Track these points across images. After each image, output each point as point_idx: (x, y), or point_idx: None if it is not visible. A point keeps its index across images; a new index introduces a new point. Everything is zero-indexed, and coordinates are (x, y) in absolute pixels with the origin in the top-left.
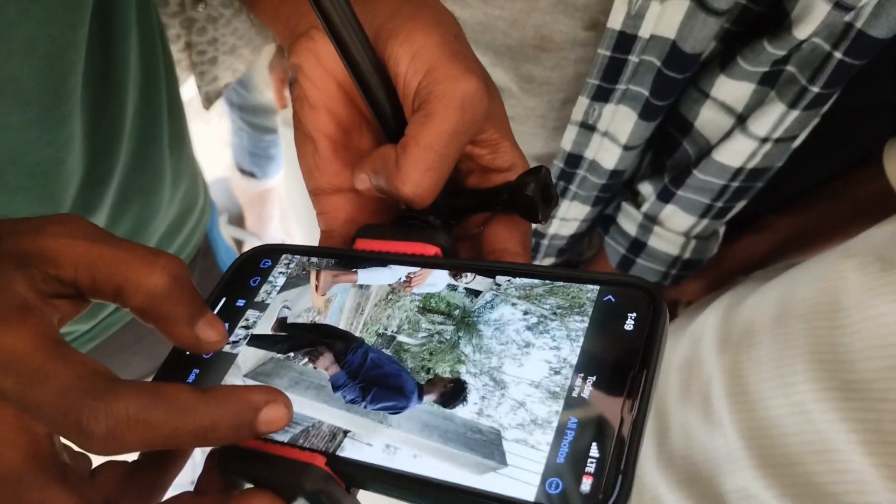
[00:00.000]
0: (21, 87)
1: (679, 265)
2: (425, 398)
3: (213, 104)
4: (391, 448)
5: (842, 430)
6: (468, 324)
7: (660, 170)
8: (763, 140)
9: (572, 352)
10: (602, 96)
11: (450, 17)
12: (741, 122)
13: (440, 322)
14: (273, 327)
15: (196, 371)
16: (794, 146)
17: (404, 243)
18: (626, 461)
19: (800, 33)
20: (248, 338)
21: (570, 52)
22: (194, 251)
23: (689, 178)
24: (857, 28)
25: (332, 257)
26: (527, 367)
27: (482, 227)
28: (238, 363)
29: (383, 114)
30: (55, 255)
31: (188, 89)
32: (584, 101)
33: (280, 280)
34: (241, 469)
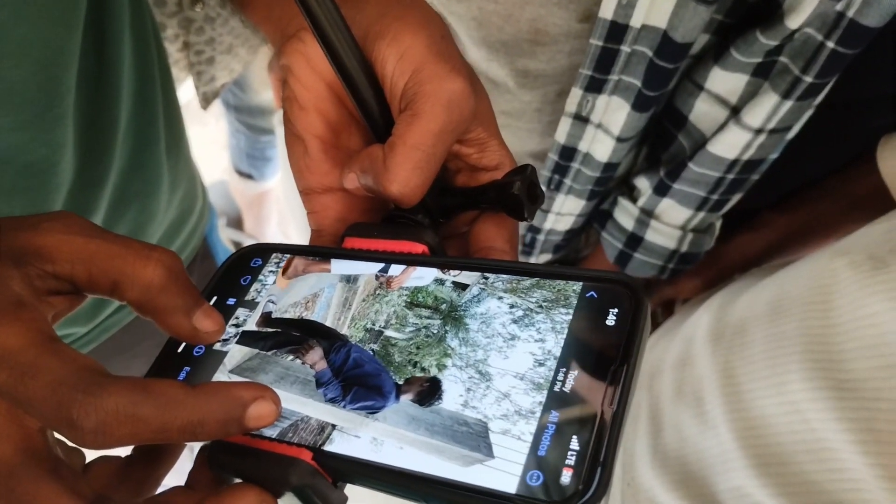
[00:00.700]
0: (14, 88)
1: (676, 259)
2: (402, 398)
3: (210, 104)
4: (378, 442)
5: (835, 430)
6: (455, 318)
7: (655, 164)
8: (757, 131)
9: (556, 344)
10: (595, 87)
11: (437, 18)
12: (735, 113)
13: (427, 316)
14: (257, 322)
15: (187, 369)
16: (789, 138)
17: (392, 241)
18: (605, 453)
19: (792, 23)
20: (238, 335)
21: (564, 45)
22: (193, 254)
23: (684, 170)
24: (848, 17)
25: (321, 255)
26: (512, 360)
27: (470, 226)
28: (226, 361)
29: (371, 114)
30: (51, 251)
31: (186, 92)
32: (577, 93)
33: (270, 279)
34: (229, 464)
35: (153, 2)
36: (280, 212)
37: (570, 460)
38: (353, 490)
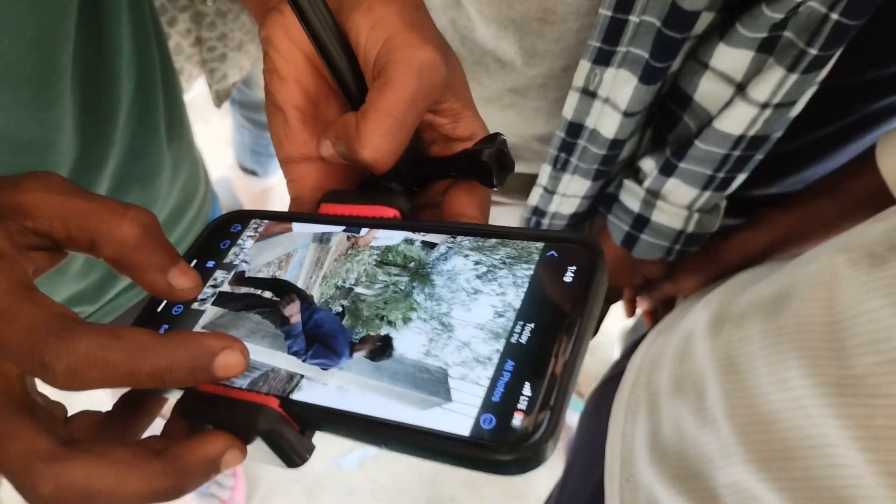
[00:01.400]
0: (10, 66)
1: (683, 240)
2: (356, 355)
3: (223, 102)
4: (343, 390)
5: (835, 426)
6: (422, 275)
7: (661, 145)
8: (763, 105)
9: (516, 297)
10: (603, 59)
11: None
12: (741, 90)
13: (396, 274)
14: (230, 281)
15: (165, 326)
16: (792, 116)
17: (365, 207)
18: (555, 399)
19: None
20: (216, 296)
21: (573, 24)
22: None
23: (690, 148)
24: None
25: (298, 220)
26: (474, 312)
27: (443, 194)
28: (202, 320)
29: (345, 82)
30: (31, 208)
31: (195, 88)
32: (585, 65)
33: (248, 243)
34: (200, 411)
35: None
36: (284, 208)
37: (522, 405)
38: (353, 489)
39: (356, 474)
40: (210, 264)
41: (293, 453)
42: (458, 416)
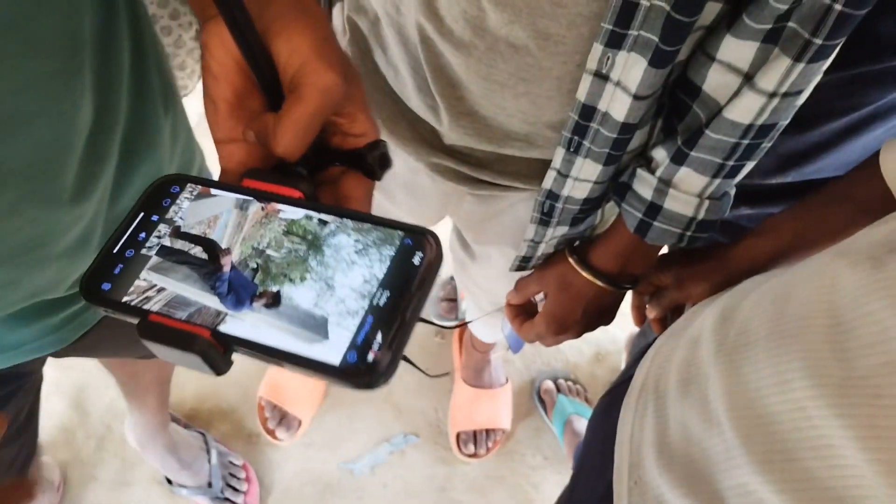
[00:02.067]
0: (45, 39)
1: (694, 226)
2: (255, 304)
3: None
4: (256, 326)
5: (837, 426)
6: (316, 245)
7: (672, 135)
8: (771, 95)
9: (380, 271)
10: (615, 42)
11: (324, 23)
12: (748, 80)
13: (297, 243)
14: (169, 234)
15: (121, 266)
16: (798, 104)
17: (276, 186)
18: (396, 345)
19: None
20: (159, 246)
21: (584, 8)
22: None
23: (701, 137)
24: None
25: (225, 189)
26: (350, 278)
27: (339, 177)
28: (149, 264)
29: (267, 87)
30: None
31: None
32: (598, 48)
33: (185, 203)
34: (153, 334)
35: None
36: None
37: (375, 347)
38: (364, 493)
39: (367, 479)
40: (154, 218)
41: (218, 367)
42: (332, 351)
